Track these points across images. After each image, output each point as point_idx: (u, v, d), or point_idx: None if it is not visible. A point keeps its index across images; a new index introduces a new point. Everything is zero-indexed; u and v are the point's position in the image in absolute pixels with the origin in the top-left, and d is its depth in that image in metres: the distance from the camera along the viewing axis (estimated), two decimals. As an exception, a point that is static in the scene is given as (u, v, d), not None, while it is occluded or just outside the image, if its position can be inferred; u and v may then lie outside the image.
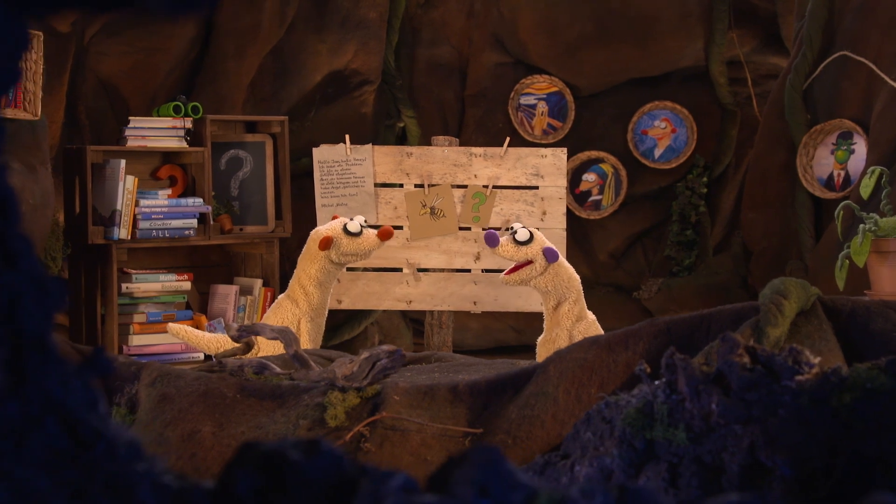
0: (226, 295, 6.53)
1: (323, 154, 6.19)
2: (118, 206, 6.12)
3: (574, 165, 7.83)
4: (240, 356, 4.05)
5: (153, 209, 6.21)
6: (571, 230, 7.84)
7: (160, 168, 6.53)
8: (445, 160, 6.12)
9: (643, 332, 3.44)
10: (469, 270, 6.12)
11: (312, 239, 5.41)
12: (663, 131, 7.87)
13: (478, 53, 7.94)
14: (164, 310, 6.31)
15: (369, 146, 6.20)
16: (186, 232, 6.29)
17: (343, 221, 5.40)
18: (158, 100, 6.83)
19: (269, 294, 6.53)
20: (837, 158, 6.59)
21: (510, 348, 7.51)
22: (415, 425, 3.40)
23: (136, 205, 6.19)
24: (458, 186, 6.14)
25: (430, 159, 6.14)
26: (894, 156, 5.99)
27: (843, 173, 6.57)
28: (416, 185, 6.15)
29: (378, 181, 6.16)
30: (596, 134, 7.94)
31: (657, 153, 7.88)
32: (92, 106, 6.86)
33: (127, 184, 6.16)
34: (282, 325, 3.99)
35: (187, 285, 6.41)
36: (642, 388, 2.76)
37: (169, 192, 6.38)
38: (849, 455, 2.55)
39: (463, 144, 7.18)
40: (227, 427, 3.49)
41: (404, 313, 7.64)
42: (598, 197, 7.92)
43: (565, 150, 6.25)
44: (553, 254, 5.08)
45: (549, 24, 7.75)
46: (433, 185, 6.11)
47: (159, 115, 6.49)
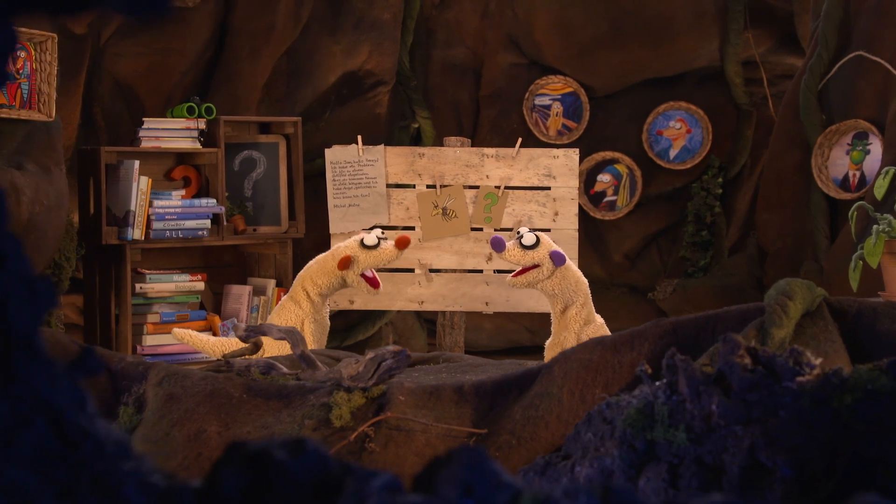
0: (239, 295, 6.55)
1: (335, 155, 6.20)
2: (132, 207, 6.15)
3: (589, 166, 7.82)
4: (247, 356, 4.06)
5: (167, 210, 6.23)
6: (586, 231, 7.84)
7: (174, 169, 6.56)
8: (457, 161, 6.13)
9: (649, 332, 3.44)
10: (481, 271, 6.12)
11: (333, 255, 5.38)
12: (678, 132, 7.85)
13: (492, 54, 7.94)
14: (178, 310, 6.34)
15: (381, 147, 6.21)
16: (200, 232, 6.31)
17: (360, 237, 5.40)
18: (173, 101, 6.86)
19: (281, 294, 6.55)
20: (853, 159, 6.56)
21: (524, 349, 7.51)
22: (419, 426, 3.40)
23: (150, 205, 6.21)
24: (470, 187, 6.14)
25: (442, 160, 6.15)
26: (910, 156, 5.97)
27: (858, 174, 6.54)
28: (428, 186, 6.15)
29: (390, 182, 6.17)
30: (611, 134, 7.92)
31: (672, 154, 7.86)
32: (108, 107, 6.89)
33: (141, 184, 6.19)
34: (289, 326, 4.01)
35: (201, 286, 6.43)
36: (643, 388, 2.76)
37: (183, 192, 6.41)
38: (850, 456, 2.54)
39: (478, 145, 7.19)
40: (233, 427, 3.50)
41: (418, 314, 7.64)
42: (613, 198, 7.91)
43: (577, 150, 6.25)
44: (560, 257, 5.07)
45: (564, 24, 7.74)
46: (445, 186, 6.12)
47: (173, 117, 6.52)
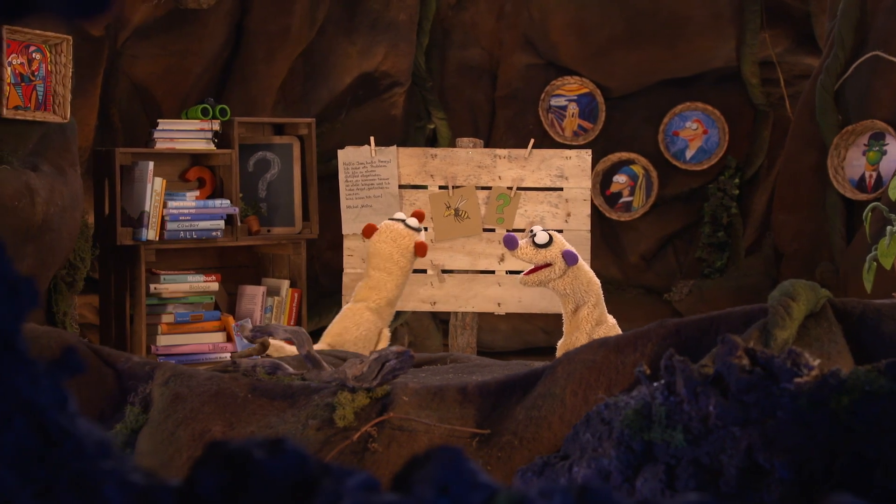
0: (253, 296, 6.57)
1: (348, 156, 6.22)
2: (146, 208, 6.18)
3: (605, 167, 7.81)
4: (255, 356, 4.08)
5: (181, 210, 6.26)
6: (602, 232, 7.82)
7: (188, 170, 6.59)
8: (470, 162, 6.13)
9: (652, 333, 3.43)
10: (493, 272, 6.12)
11: (403, 248, 5.24)
12: (695, 132, 7.82)
13: (508, 55, 7.94)
14: (192, 310, 6.36)
15: (394, 148, 6.22)
16: (214, 233, 6.34)
17: (398, 227, 5.26)
18: (190, 102, 6.88)
19: (295, 295, 6.58)
20: (869, 159, 6.53)
21: (539, 350, 7.50)
22: (422, 426, 3.40)
23: (165, 206, 6.24)
24: (483, 188, 6.14)
25: (454, 161, 6.15)
26: (925, 157, 5.93)
27: (874, 174, 6.50)
28: (441, 187, 6.16)
29: (402, 182, 6.18)
30: (627, 135, 7.91)
31: (688, 154, 7.84)
32: (124, 108, 6.92)
33: (155, 185, 6.21)
34: (295, 326, 4.01)
35: (215, 286, 6.46)
36: (641, 389, 2.76)
37: (197, 193, 6.44)
38: (848, 457, 2.53)
39: (493, 146, 7.18)
40: (237, 426, 3.52)
41: (434, 314, 7.65)
42: (629, 198, 7.89)
43: (590, 151, 6.24)
44: (572, 257, 5.06)
45: (580, 25, 7.73)
46: (457, 187, 6.12)
47: (188, 118, 6.55)
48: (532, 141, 6.18)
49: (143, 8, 6.67)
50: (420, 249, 5.18)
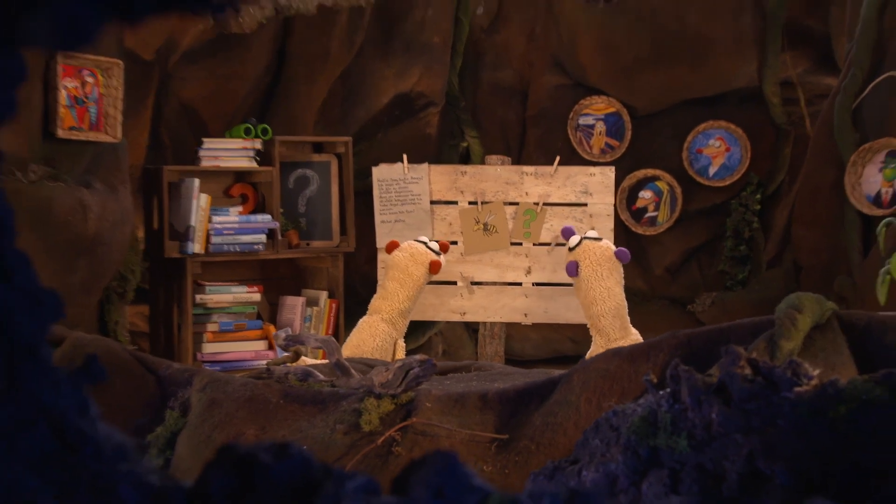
0: (293, 306, 6.61)
1: (382, 173, 6.25)
2: (192, 222, 6.24)
3: (631, 183, 7.79)
4: (288, 364, 4.11)
5: (225, 225, 6.32)
6: (628, 245, 7.76)
7: (232, 186, 6.65)
8: (498, 178, 6.14)
9: (664, 344, 3.43)
10: (520, 284, 6.12)
11: (419, 263, 5.37)
12: (718, 150, 7.79)
13: (538, 76, 7.95)
14: (236, 319, 6.41)
15: (425, 165, 6.25)
16: (256, 246, 6.38)
17: (419, 248, 5.40)
18: (235, 122, 6.94)
19: (333, 305, 6.61)
20: (885, 176, 6.48)
21: (567, 358, 7.48)
22: (444, 431, 3.42)
23: (210, 221, 6.30)
24: (510, 203, 6.15)
25: (483, 178, 6.17)
26: (938, 173, 5.88)
27: (891, 191, 6.45)
28: (470, 203, 6.17)
29: (434, 199, 6.20)
30: (652, 152, 7.89)
31: (712, 171, 7.80)
32: (174, 128, 6.99)
33: (201, 201, 6.27)
34: (325, 336, 4.04)
35: (257, 296, 6.51)
36: (648, 397, 2.76)
37: (240, 209, 6.49)
38: (846, 465, 2.51)
39: (524, 163, 7.19)
40: (269, 430, 3.54)
41: (467, 324, 7.66)
42: (654, 213, 7.87)
43: (613, 168, 6.24)
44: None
45: (607, 46, 7.73)
46: (486, 203, 6.13)
47: (232, 137, 6.61)
48: (558, 158, 6.19)
49: (192, 32, 6.75)
50: (434, 267, 5.27)
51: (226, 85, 7.01)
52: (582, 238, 5.15)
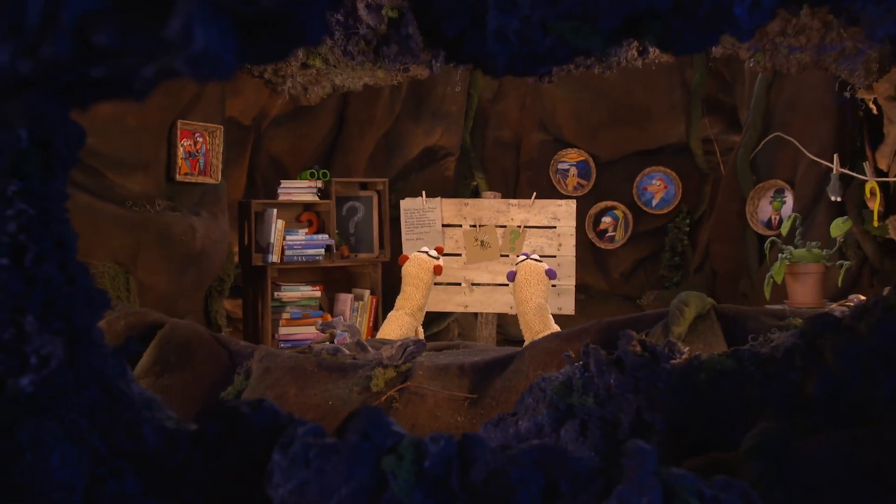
0: (345, 301, 6.63)
1: (407, 204, 6.27)
2: (272, 240, 6.29)
3: (595, 211, 7.76)
4: (325, 343, 4.12)
5: (295, 242, 6.36)
6: (594, 257, 7.76)
7: (301, 214, 6.69)
8: (491, 208, 6.14)
9: (592, 329, 3.41)
10: (507, 285, 6.11)
11: (426, 269, 5.34)
12: (658, 187, 7.74)
13: (528, 134, 7.94)
14: (303, 311, 6.44)
15: (438, 199, 6.26)
16: (317, 258, 6.42)
17: (423, 257, 5.36)
18: (306, 168, 7.00)
19: (374, 300, 6.62)
20: (774, 207, 6.43)
21: (547, 339, 7.43)
22: (430, 392, 3.41)
23: (284, 239, 6.34)
24: (500, 226, 6.14)
25: (480, 207, 6.17)
26: (811, 205, 5.82)
27: (778, 217, 6.40)
28: (471, 226, 6.18)
29: (444, 223, 6.21)
30: (611, 189, 7.85)
31: (654, 203, 7.75)
32: (264, 172, 7.05)
33: (278, 225, 6.32)
34: (350, 322, 4.05)
35: (318, 294, 6.53)
36: (567, 368, 2.75)
37: (306, 230, 6.53)
38: (705, 416, 2.50)
39: (519, 198, 7.18)
40: (306, 390, 3.56)
41: (474, 314, 7.64)
42: (613, 233, 7.82)
43: (575, 201, 6.22)
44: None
45: (578, 113, 7.71)
46: (482, 226, 6.13)
47: (301, 179, 6.66)
48: (535, 193, 6.18)
49: (277, 105, 6.81)
50: (437, 270, 5.26)
51: (300, 142, 7.06)
52: (528, 257, 5.09)
